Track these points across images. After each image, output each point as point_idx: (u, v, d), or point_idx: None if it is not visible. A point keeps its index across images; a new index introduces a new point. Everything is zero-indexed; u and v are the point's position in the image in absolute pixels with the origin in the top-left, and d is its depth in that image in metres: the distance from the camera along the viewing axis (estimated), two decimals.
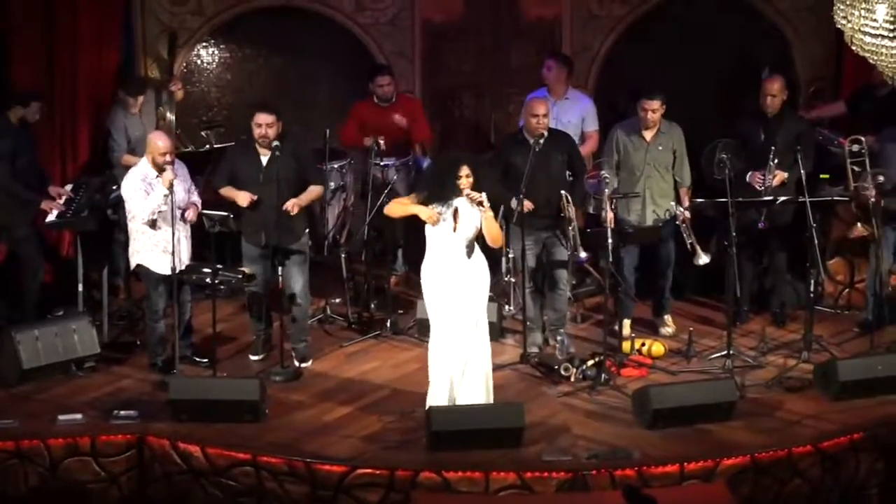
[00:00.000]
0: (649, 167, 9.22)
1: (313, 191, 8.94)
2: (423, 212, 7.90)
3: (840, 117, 10.61)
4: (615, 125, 9.42)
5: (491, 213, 7.89)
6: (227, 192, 8.85)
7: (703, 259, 8.93)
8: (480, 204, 7.79)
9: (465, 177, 7.84)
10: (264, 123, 8.69)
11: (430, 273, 7.99)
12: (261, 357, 9.08)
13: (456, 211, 7.90)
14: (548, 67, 10.16)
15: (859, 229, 9.73)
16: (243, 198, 8.74)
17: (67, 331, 8.78)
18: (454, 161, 7.97)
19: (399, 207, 8.13)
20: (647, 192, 9.23)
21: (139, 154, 9.78)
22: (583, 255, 8.78)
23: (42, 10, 10.27)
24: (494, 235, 7.98)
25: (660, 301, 9.60)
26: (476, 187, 7.85)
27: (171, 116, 10.21)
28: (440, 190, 7.92)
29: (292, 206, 8.72)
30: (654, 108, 9.12)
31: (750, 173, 9.28)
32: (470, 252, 7.96)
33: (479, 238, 7.99)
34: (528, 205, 8.74)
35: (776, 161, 9.22)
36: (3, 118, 9.36)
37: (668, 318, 9.59)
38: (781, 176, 9.26)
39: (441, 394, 8.02)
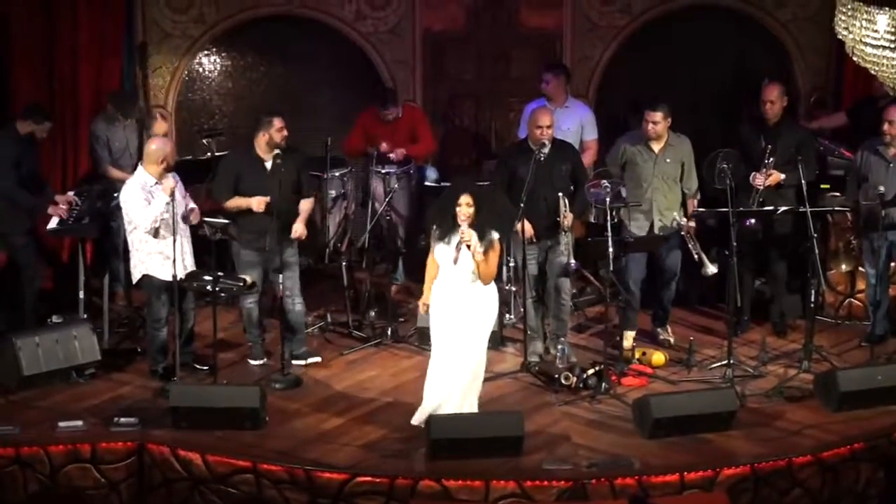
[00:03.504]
0: (657, 179, 9.15)
1: (306, 208, 9.00)
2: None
3: (841, 128, 10.63)
4: (621, 136, 9.38)
5: (480, 255, 7.73)
6: (236, 202, 8.80)
7: (711, 270, 8.90)
8: (468, 246, 7.70)
9: (464, 205, 7.74)
10: (283, 127, 8.78)
11: (434, 298, 7.96)
12: (261, 362, 9.06)
13: (459, 242, 7.82)
14: (546, 81, 10.18)
15: (841, 269, 9.82)
16: (257, 203, 8.70)
17: (68, 337, 8.78)
18: (455, 189, 7.90)
19: (432, 268, 8.03)
20: (654, 205, 9.16)
21: (123, 166, 9.79)
22: (573, 263, 8.77)
23: (43, 20, 10.29)
24: (484, 274, 7.81)
25: (660, 312, 9.58)
26: (478, 217, 7.73)
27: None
28: (441, 218, 7.88)
29: (301, 231, 8.85)
30: (655, 120, 9.07)
31: (753, 174, 9.27)
32: (473, 280, 7.85)
33: None
34: (528, 230, 8.74)
35: (771, 160, 9.22)
36: (10, 128, 9.36)
37: (668, 328, 9.58)
38: (777, 176, 9.26)
39: (425, 404, 8.02)
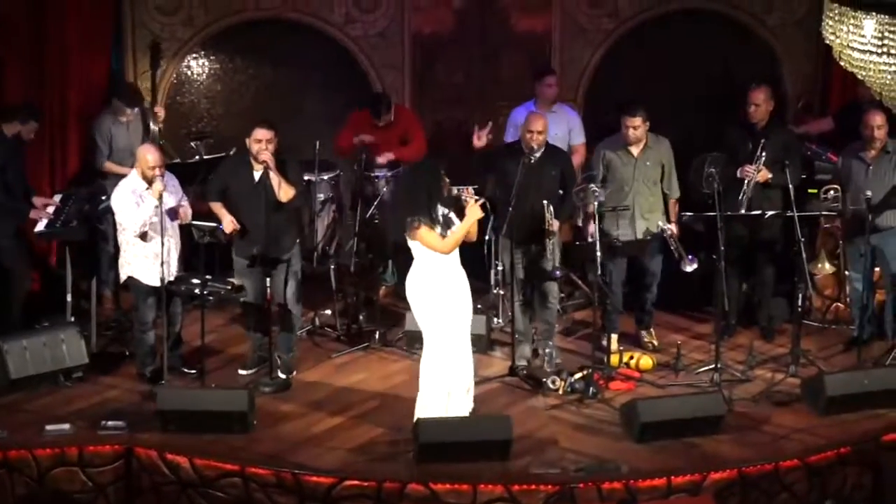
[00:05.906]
0: (638, 182, 9.18)
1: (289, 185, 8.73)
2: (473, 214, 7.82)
3: (828, 132, 10.66)
4: (600, 143, 9.40)
5: (482, 214, 7.85)
6: (217, 209, 8.80)
7: (691, 266, 8.92)
8: (483, 206, 7.77)
9: (448, 181, 7.86)
10: (264, 139, 8.58)
11: (424, 285, 7.88)
12: (250, 372, 9.03)
13: (447, 220, 7.88)
14: (548, 85, 10.16)
15: (825, 269, 9.81)
16: (228, 224, 8.68)
17: (55, 341, 8.75)
18: (435, 170, 7.89)
19: (455, 238, 7.84)
20: (635, 208, 9.19)
21: (122, 163, 9.80)
22: (558, 269, 8.80)
23: (32, 21, 10.25)
24: (474, 231, 7.92)
25: (642, 315, 9.59)
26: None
27: (154, 127, 10.21)
28: (430, 203, 7.80)
29: (270, 158, 8.50)
30: (635, 125, 9.09)
31: (742, 167, 9.28)
32: (458, 260, 7.94)
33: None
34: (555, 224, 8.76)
35: (764, 154, 9.22)
36: None
37: (651, 331, 9.57)
38: (765, 173, 9.27)
39: (436, 406, 7.95)
